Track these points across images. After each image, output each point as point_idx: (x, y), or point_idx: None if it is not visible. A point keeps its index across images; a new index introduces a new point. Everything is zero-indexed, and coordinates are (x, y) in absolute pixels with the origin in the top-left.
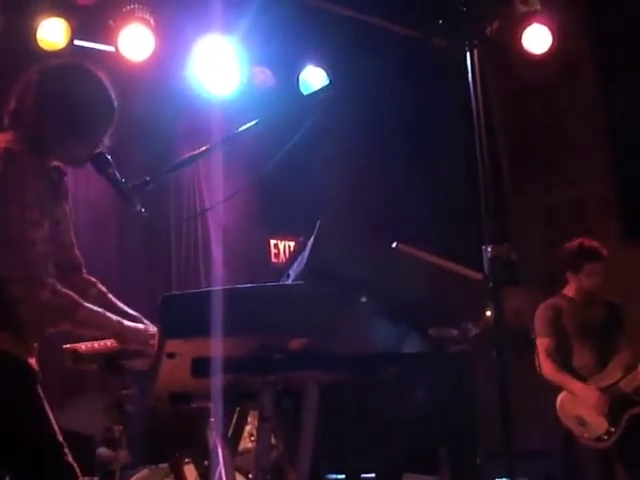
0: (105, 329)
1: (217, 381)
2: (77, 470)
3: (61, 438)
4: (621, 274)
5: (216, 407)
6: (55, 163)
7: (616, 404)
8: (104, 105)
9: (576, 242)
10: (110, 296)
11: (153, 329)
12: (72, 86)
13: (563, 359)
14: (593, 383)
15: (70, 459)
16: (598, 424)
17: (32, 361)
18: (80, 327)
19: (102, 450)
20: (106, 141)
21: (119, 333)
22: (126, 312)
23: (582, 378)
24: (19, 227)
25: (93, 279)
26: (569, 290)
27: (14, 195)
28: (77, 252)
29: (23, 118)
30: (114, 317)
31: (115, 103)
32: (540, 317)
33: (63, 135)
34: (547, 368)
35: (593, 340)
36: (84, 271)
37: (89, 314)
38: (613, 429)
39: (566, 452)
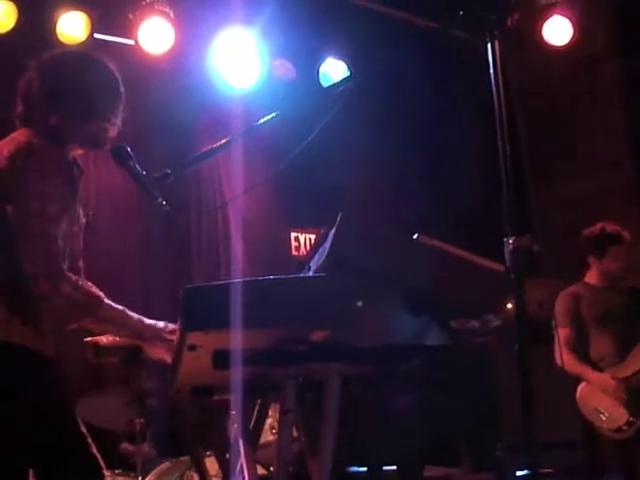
0: (125, 326)
1: (238, 373)
2: (100, 461)
3: (84, 429)
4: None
5: (237, 400)
6: (75, 158)
7: (636, 394)
8: (106, 80)
9: (598, 226)
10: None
11: (172, 326)
12: (70, 69)
13: (582, 350)
14: (613, 373)
15: (94, 450)
16: (618, 415)
17: (53, 355)
18: (101, 323)
19: (125, 445)
20: (119, 119)
21: (140, 329)
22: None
23: (601, 369)
24: (40, 221)
25: (90, 284)
26: (590, 277)
27: (35, 189)
28: (81, 262)
29: (33, 113)
30: (135, 315)
31: (117, 76)
32: (560, 306)
33: (73, 118)
34: (566, 359)
35: (614, 328)
36: (83, 278)
37: (110, 311)
38: (634, 419)
39: (587, 443)
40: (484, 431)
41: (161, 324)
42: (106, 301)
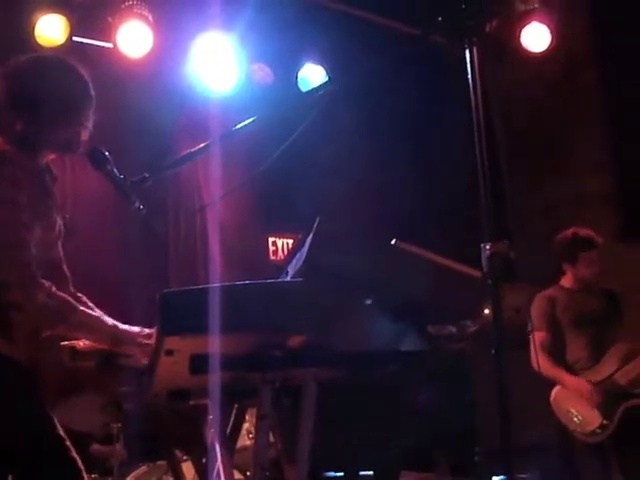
0: (100, 332)
1: (215, 378)
2: (79, 464)
3: (62, 432)
4: (620, 271)
5: (214, 404)
6: (48, 164)
7: (611, 397)
8: (75, 83)
9: (570, 232)
10: (98, 311)
11: (148, 331)
12: (37, 74)
13: (558, 353)
14: (587, 376)
15: (72, 453)
16: (592, 418)
17: (25, 361)
18: (75, 330)
19: (96, 447)
20: (91, 122)
21: (114, 336)
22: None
23: (575, 372)
24: (13, 229)
25: (80, 294)
26: (566, 281)
27: (7, 196)
28: (65, 268)
29: (1, 120)
30: (109, 321)
31: (87, 79)
32: (536, 309)
33: (42, 124)
34: (541, 362)
35: (589, 332)
36: (71, 286)
37: (85, 317)
38: (607, 423)
39: (561, 447)
40: (461, 436)
41: (136, 329)
42: (80, 308)
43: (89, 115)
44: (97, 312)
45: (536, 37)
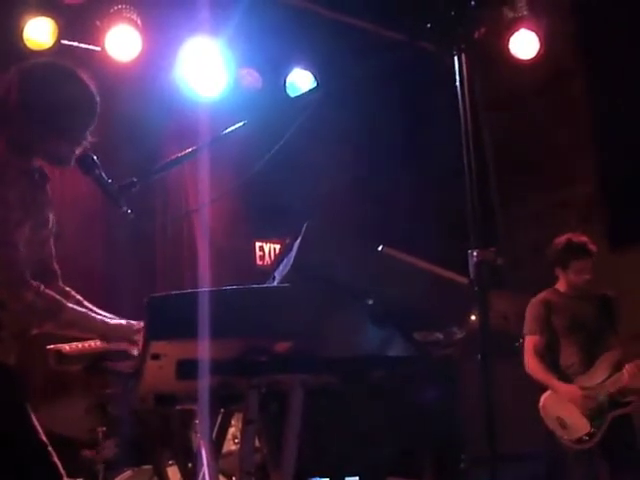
0: (89, 329)
1: (202, 383)
2: (61, 470)
3: (44, 437)
4: (608, 278)
5: (201, 409)
6: (39, 166)
7: (600, 405)
8: (87, 103)
9: (564, 238)
10: (87, 304)
11: (137, 324)
12: (54, 85)
13: (550, 357)
14: (579, 382)
15: (54, 458)
16: (580, 425)
17: (12, 363)
18: (64, 328)
19: (87, 453)
20: (88, 140)
21: (104, 332)
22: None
23: (568, 377)
24: (2, 227)
25: (68, 289)
26: (560, 285)
27: None
28: (55, 264)
29: (6, 120)
30: (98, 317)
31: (97, 100)
32: (531, 313)
33: (47, 135)
34: (532, 365)
35: (582, 337)
36: (60, 281)
37: (73, 315)
38: (595, 430)
39: (549, 453)
40: (447, 443)
41: (124, 322)
42: (69, 305)
43: (88, 135)
44: (86, 307)
45: (524, 44)
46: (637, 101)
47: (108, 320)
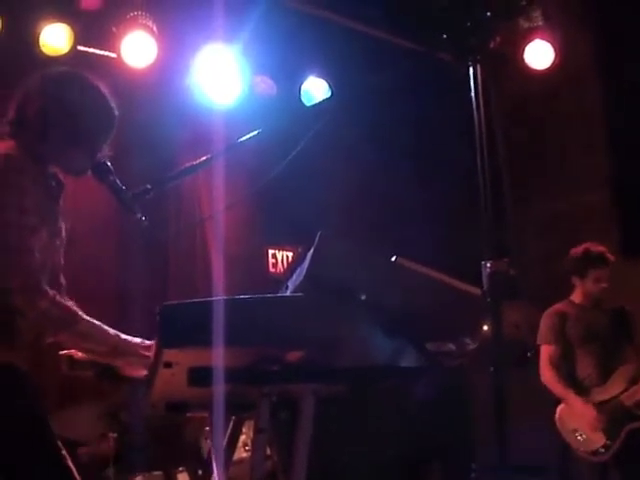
0: (103, 342)
1: (214, 391)
2: (75, 474)
3: (58, 441)
4: (621, 287)
5: (213, 417)
6: (55, 172)
7: (616, 417)
8: (106, 115)
9: (582, 247)
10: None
11: (148, 342)
12: (76, 95)
13: (566, 368)
14: (594, 394)
15: (68, 462)
16: (596, 437)
17: (26, 369)
18: (78, 339)
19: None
20: (105, 151)
21: (116, 347)
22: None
23: (584, 389)
24: (17, 234)
25: (71, 302)
26: (576, 296)
27: (13, 201)
28: (63, 277)
29: (25, 126)
30: (111, 330)
31: (116, 114)
32: (545, 323)
33: (64, 144)
34: (548, 376)
35: (598, 348)
36: (65, 295)
37: (87, 326)
38: (611, 443)
39: (563, 465)
40: (458, 453)
41: (137, 340)
42: (84, 316)
43: (104, 148)
44: (97, 322)
45: (539, 54)
46: None
47: (121, 335)
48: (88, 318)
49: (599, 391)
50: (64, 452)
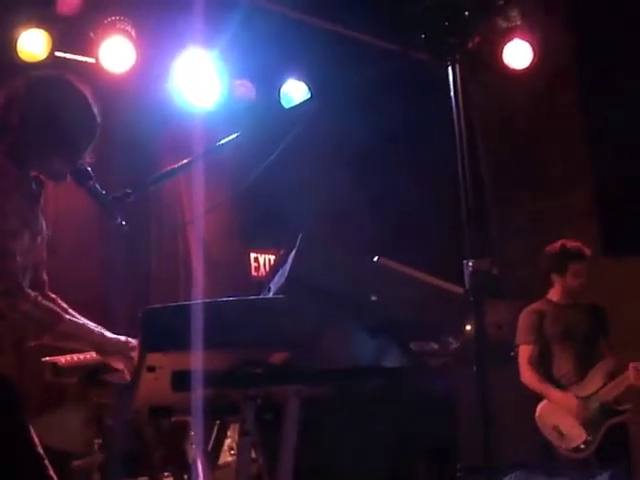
0: (87, 341)
1: (197, 395)
2: None
3: (41, 450)
4: (602, 286)
5: (196, 421)
6: (35, 174)
7: (596, 413)
8: (88, 122)
9: (559, 243)
10: (71, 312)
11: (134, 341)
12: (59, 101)
13: (545, 367)
14: (573, 392)
15: (50, 472)
16: (576, 434)
17: (9, 373)
18: (62, 339)
19: (77, 462)
20: (87, 157)
21: (101, 345)
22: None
23: (562, 387)
24: None
25: (54, 296)
26: (554, 294)
27: None
28: (45, 273)
29: (8, 131)
30: (96, 329)
31: (98, 122)
32: (523, 323)
33: (46, 149)
34: (527, 376)
35: (576, 346)
36: (47, 290)
37: (71, 326)
38: (591, 439)
39: (545, 463)
40: (444, 453)
41: (122, 339)
42: (67, 317)
43: (85, 155)
44: (81, 319)
45: (518, 54)
46: (631, 110)
47: (106, 333)
48: (71, 317)
49: (577, 388)
50: (46, 462)
